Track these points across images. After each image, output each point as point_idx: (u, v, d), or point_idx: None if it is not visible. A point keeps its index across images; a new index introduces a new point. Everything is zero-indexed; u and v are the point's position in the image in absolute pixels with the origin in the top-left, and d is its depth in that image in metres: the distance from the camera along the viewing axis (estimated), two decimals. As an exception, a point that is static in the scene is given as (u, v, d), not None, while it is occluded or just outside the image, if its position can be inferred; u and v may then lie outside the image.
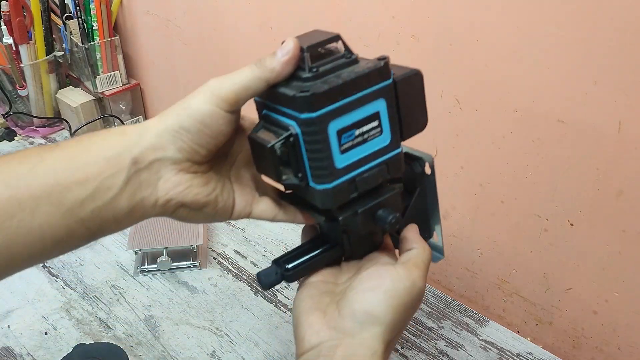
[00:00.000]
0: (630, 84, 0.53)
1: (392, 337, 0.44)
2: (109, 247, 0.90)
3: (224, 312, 0.78)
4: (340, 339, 0.42)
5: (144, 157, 0.41)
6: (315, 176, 0.44)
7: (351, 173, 0.45)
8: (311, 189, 0.44)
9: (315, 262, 0.49)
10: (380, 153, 0.46)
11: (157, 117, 0.43)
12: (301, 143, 0.43)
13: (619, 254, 0.61)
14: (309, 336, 0.44)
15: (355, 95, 0.43)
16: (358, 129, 0.44)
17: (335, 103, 0.42)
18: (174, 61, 1.08)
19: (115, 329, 0.76)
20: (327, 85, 0.42)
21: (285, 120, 0.43)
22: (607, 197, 0.59)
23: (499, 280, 0.74)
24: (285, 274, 0.48)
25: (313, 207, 0.47)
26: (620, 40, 0.52)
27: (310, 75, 0.43)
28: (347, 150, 0.44)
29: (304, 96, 0.41)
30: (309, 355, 0.43)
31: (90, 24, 1.11)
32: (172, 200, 0.43)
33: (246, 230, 0.94)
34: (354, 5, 0.72)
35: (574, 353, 0.70)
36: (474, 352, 0.72)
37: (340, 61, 0.44)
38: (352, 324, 0.43)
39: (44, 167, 0.39)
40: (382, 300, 0.43)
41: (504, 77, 0.61)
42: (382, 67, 0.44)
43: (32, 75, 1.17)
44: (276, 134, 0.43)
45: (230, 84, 0.43)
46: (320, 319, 0.44)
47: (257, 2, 0.86)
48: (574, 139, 0.59)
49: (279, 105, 0.44)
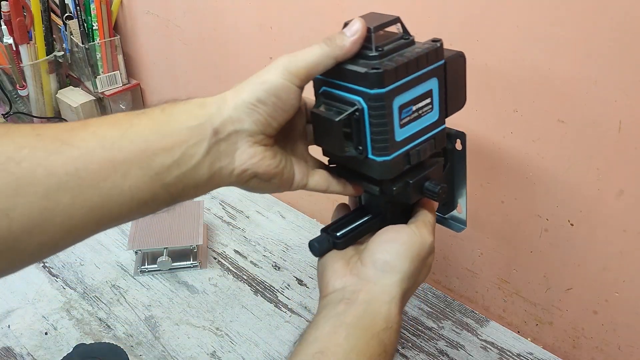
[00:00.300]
0: (630, 84, 0.53)
1: (409, 286, 0.49)
2: (109, 247, 0.90)
3: (224, 312, 0.78)
4: (362, 285, 0.47)
5: (223, 129, 0.44)
6: (376, 149, 0.47)
7: (407, 146, 0.49)
8: (369, 161, 0.48)
9: (361, 230, 0.53)
10: (430, 128, 0.50)
11: (233, 91, 0.46)
12: (365, 118, 0.46)
13: (619, 253, 0.61)
14: (334, 280, 0.49)
15: (416, 74, 0.47)
16: (415, 105, 0.48)
17: (400, 80, 0.46)
18: (174, 61, 1.08)
19: (115, 329, 0.76)
20: (395, 63, 0.45)
21: (350, 96, 0.47)
22: (608, 197, 0.59)
23: (499, 280, 0.74)
24: (336, 241, 0.52)
25: (365, 179, 0.51)
26: (620, 39, 0.52)
27: (377, 54, 0.46)
28: (405, 124, 0.48)
29: (376, 73, 0.44)
30: (333, 296, 0.47)
31: (91, 24, 1.11)
32: (248, 171, 0.45)
33: (246, 230, 0.94)
34: (354, 5, 0.72)
35: (574, 353, 0.70)
36: (474, 352, 0.72)
37: (400, 42, 0.48)
38: (374, 272, 0.47)
39: (134, 133, 0.41)
40: (400, 252, 0.48)
41: (504, 77, 0.61)
42: (438, 48, 0.49)
43: (32, 75, 1.17)
44: (340, 109, 0.47)
45: (302, 61, 0.45)
46: (344, 267, 0.49)
47: (257, 2, 0.86)
48: (574, 139, 0.59)
49: (344, 82, 0.47)
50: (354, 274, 0.48)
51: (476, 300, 0.78)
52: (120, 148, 0.40)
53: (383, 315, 0.46)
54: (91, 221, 0.40)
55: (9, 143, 0.38)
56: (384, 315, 0.46)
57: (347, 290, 0.47)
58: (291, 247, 0.90)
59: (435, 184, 0.51)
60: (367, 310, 0.46)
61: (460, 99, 0.55)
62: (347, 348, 0.43)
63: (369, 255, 0.49)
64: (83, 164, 0.39)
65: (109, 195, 0.40)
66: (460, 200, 0.60)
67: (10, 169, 0.37)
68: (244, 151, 0.45)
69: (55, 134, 0.39)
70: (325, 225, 0.54)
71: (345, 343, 0.44)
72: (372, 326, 0.45)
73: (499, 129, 0.65)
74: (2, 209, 0.37)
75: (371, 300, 0.46)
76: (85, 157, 0.39)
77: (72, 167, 0.38)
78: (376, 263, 0.48)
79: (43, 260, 0.87)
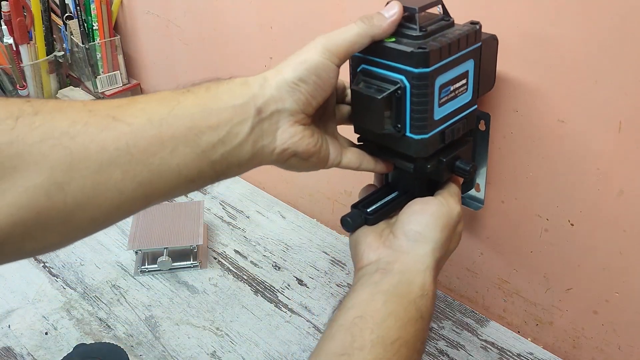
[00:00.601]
0: (631, 84, 0.53)
1: (441, 254, 0.50)
2: (109, 247, 0.90)
3: (224, 312, 0.78)
4: (396, 256, 0.49)
5: (266, 108, 0.45)
6: (415, 127, 0.49)
7: (443, 125, 0.50)
8: (407, 139, 0.50)
9: (392, 206, 0.55)
10: (463, 108, 0.52)
11: (274, 70, 0.46)
12: (407, 96, 0.47)
13: (619, 254, 0.61)
14: (367, 253, 0.51)
15: (456, 55, 0.49)
16: (453, 85, 0.50)
17: (443, 60, 0.47)
18: (174, 61, 1.08)
19: (115, 329, 0.76)
20: (439, 43, 0.47)
21: (393, 75, 0.48)
22: (608, 197, 0.59)
23: (500, 280, 0.74)
24: (368, 217, 0.53)
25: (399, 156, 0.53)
26: (621, 39, 0.52)
27: (421, 34, 0.47)
28: (443, 104, 0.50)
29: (422, 52, 0.46)
30: (368, 268, 0.49)
31: (91, 24, 1.11)
32: (288, 150, 0.46)
33: (246, 230, 0.94)
34: (355, 5, 0.72)
35: (575, 353, 0.70)
36: (474, 352, 0.72)
37: (442, 23, 0.50)
38: (406, 243, 0.49)
39: (181, 110, 0.42)
40: (431, 221, 0.50)
41: (504, 77, 0.61)
42: (477, 31, 0.51)
43: (32, 75, 1.17)
44: (380, 87, 0.48)
45: (340, 39, 0.46)
46: (377, 239, 0.51)
47: (258, 2, 0.86)
48: (574, 139, 0.59)
49: (386, 60, 0.48)
50: (387, 245, 0.50)
51: (476, 300, 0.78)
52: (168, 125, 0.41)
53: (418, 283, 0.47)
54: (140, 196, 0.41)
55: (62, 118, 0.39)
56: (420, 284, 0.47)
57: (382, 262, 0.49)
58: (291, 247, 0.90)
59: (467, 163, 0.53)
60: (402, 279, 0.47)
61: (491, 81, 0.57)
62: (385, 313, 0.45)
63: (400, 227, 0.50)
64: (133, 140, 0.40)
65: (157, 172, 0.41)
66: (479, 179, 0.61)
67: (64, 143, 0.38)
68: (285, 130, 0.46)
69: (106, 110, 0.40)
70: (354, 202, 0.55)
71: (384, 308, 0.45)
72: (408, 294, 0.47)
73: (499, 129, 0.65)
74: (58, 182, 0.37)
75: (406, 270, 0.48)
76: (135, 133, 0.40)
77: (123, 142, 0.39)
78: (408, 234, 0.50)
79: (43, 260, 0.87)
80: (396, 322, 0.45)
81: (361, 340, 0.44)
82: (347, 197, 0.88)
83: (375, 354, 0.43)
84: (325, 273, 0.84)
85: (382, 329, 0.44)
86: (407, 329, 0.45)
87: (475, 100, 0.53)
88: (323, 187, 0.92)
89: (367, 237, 0.52)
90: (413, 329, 0.46)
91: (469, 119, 0.53)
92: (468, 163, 0.53)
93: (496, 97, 0.63)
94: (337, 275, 0.84)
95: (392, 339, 0.44)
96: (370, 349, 0.43)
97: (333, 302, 0.79)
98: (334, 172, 0.88)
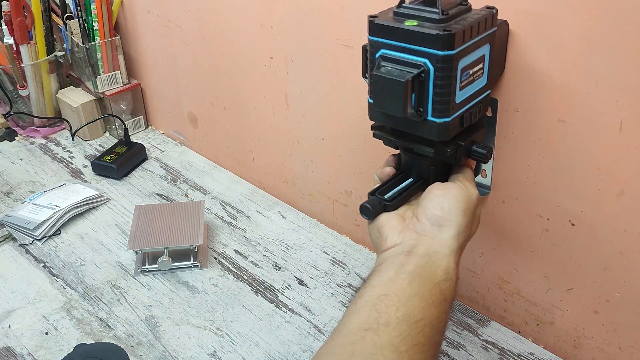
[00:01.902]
0: (631, 84, 0.53)
1: (465, 238, 0.52)
2: (109, 247, 0.90)
3: (224, 312, 0.78)
4: (420, 239, 0.50)
5: None
6: (437, 110, 0.49)
7: (463, 109, 0.51)
8: (429, 123, 0.50)
9: (409, 192, 0.55)
10: (479, 92, 0.53)
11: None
12: (430, 79, 0.48)
13: (620, 254, 0.61)
14: (392, 235, 0.52)
15: (476, 38, 0.49)
16: (472, 69, 0.50)
17: (466, 43, 0.48)
18: (174, 61, 1.08)
19: (115, 329, 0.76)
20: (461, 26, 0.47)
21: (415, 58, 0.48)
22: (609, 197, 0.59)
23: (500, 280, 0.74)
24: (387, 203, 0.54)
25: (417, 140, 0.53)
26: (622, 39, 0.52)
27: (443, 17, 0.48)
28: (463, 87, 0.50)
29: (447, 34, 0.46)
30: (393, 250, 0.51)
31: (91, 23, 1.11)
32: None
33: (247, 230, 0.94)
34: (355, 5, 0.72)
35: (575, 353, 0.70)
36: (474, 352, 0.72)
37: (460, 7, 0.50)
38: (430, 227, 0.50)
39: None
40: (453, 206, 0.51)
41: (504, 77, 0.61)
42: (494, 15, 0.51)
43: (32, 75, 1.17)
44: (403, 71, 0.48)
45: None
46: (401, 222, 0.53)
47: (258, 2, 0.86)
48: (575, 139, 0.59)
49: (409, 44, 0.48)
50: (411, 229, 0.51)
51: (477, 300, 0.78)
52: None
53: (443, 267, 0.49)
54: None
55: None
56: (444, 268, 0.49)
57: (406, 244, 0.50)
58: (292, 247, 0.90)
59: (484, 147, 0.54)
60: (427, 263, 0.49)
61: (501, 66, 0.57)
62: (410, 293, 0.46)
63: (423, 212, 0.52)
64: None
65: None
66: (486, 166, 0.61)
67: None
68: None
69: None
70: (371, 190, 0.56)
71: (409, 288, 0.47)
72: (432, 277, 0.48)
73: (500, 129, 0.65)
74: None
75: (431, 253, 0.49)
76: None
77: None
78: (431, 219, 0.51)
79: (43, 261, 0.87)
80: (421, 302, 0.46)
81: (387, 317, 0.45)
82: (348, 197, 0.88)
83: (401, 331, 0.44)
84: (325, 273, 0.84)
85: (407, 307, 0.45)
86: (431, 309, 0.46)
87: (489, 85, 0.54)
88: (323, 187, 0.92)
89: (391, 219, 0.53)
90: (437, 310, 0.47)
91: (484, 103, 0.54)
92: (485, 147, 0.54)
93: (497, 98, 0.63)
94: (338, 275, 0.84)
95: (416, 317, 0.45)
96: (396, 325, 0.44)
97: (333, 302, 0.79)
98: (334, 172, 0.89)
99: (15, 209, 0.95)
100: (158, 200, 1.01)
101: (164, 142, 1.19)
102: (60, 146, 1.18)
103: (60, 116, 1.23)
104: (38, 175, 1.08)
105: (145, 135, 1.22)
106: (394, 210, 0.54)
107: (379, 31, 0.50)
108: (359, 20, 0.73)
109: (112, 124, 1.20)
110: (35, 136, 1.21)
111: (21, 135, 1.22)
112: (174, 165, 1.11)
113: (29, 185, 1.06)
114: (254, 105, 0.96)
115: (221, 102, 1.03)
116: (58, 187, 1.01)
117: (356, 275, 0.84)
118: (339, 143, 0.85)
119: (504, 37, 0.56)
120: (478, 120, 0.55)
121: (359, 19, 0.73)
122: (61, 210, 0.94)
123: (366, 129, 0.59)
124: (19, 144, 1.19)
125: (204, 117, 1.09)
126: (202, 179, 1.07)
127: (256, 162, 1.03)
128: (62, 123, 1.23)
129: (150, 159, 1.13)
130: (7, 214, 0.94)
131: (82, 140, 1.20)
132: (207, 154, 1.14)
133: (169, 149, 1.17)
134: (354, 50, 0.75)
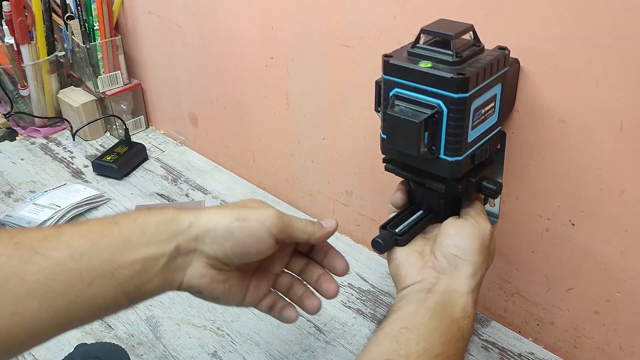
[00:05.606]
0: (632, 84, 0.53)
1: (481, 275, 0.53)
2: (110, 246, 0.90)
3: (225, 312, 0.78)
4: (439, 277, 0.51)
5: (186, 246, 0.46)
6: (449, 149, 0.50)
7: (474, 147, 0.52)
8: (441, 161, 0.51)
9: (419, 225, 0.56)
10: (490, 130, 0.54)
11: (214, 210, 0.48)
12: (444, 120, 0.48)
13: (620, 253, 0.61)
14: (411, 272, 0.53)
15: (489, 79, 0.50)
16: (484, 109, 0.51)
17: (479, 85, 0.49)
18: (175, 61, 1.09)
19: (116, 328, 0.76)
20: (475, 69, 0.48)
21: (429, 99, 0.49)
22: (609, 197, 0.59)
23: (500, 280, 0.74)
24: (398, 238, 0.55)
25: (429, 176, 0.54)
26: (622, 39, 0.52)
27: (458, 59, 0.48)
28: (475, 126, 0.51)
29: (462, 78, 0.47)
30: (413, 287, 0.52)
31: (92, 23, 1.11)
32: (193, 287, 0.48)
33: (247, 230, 0.93)
34: (356, 5, 0.72)
35: (575, 353, 0.70)
36: (475, 352, 0.72)
37: (473, 48, 0.51)
38: (447, 265, 0.52)
39: (103, 245, 0.43)
40: (467, 245, 0.52)
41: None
42: (506, 56, 0.52)
43: (33, 75, 1.17)
44: (417, 112, 0.49)
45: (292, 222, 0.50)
46: (420, 259, 0.54)
47: (259, 2, 0.86)
48: (575, 139, 0.59)
49: (423, 85, 0.49)
50: (430, 266, 0.52)
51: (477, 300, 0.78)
52: (89, 259, 0.42)
53: (461, 305, 0.50)
54: (55, 325, 0.42)
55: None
56: (462, 306, 0.50)
57: (426, 282, 0.51)
58: (292, 247, 0.90)
59: (493, 183, 0.54)
60: (446, 300, 0.50)
61: (512, 103, 0.59)
62: (430, 328, 0.47)
63: (439, 250, 0.53)
64: (52, 273, 0.41)
65: (74, 302, 0.42)
66: None
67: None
68: (196, 269, 0.47)
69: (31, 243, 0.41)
70: (382, 223, 0.57)
71: (429, 323, 0.47)
72: (451, 314, 0.49)
73: (500, 128, 0.65)
74: None
75: (450, 291, 0.50)
76: (55, 267, 0.41)
77: (42, 276, 0.40)
78: (447, 257, 0.52)
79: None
80: (440, 337, 0.47)
81: (406, 349, 0.45)
82: (348, 197, 0.88)
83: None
84: (326, 273, 0.84)
85: (427, 341, 0.46)
86: (449, 345, 0.47)
87: (500, 122, 0.55)
88: (324, 187, 0.92)
89: (410, 256, 0.54)
90: (455, 346, 0.47)
91: (494, 139, 0.55)
92: (495, 183, 0.54)
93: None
94: (338, 275, 0.84)
95: (435, 352, 0.46)
96: (416, 358, 0.45)
97: (334, 302, 0.79)
98: (334, 172, 0.89)
99: (16, 209, 0.95)
100: (159, 200, 1.01)
101: (165, 142, 1.20)
102: (61, 146, 1.18)
103: (60, 116, 1.23)
104: (39, 175, 1.08)
105: (146, 135, 1.22)
106: (408, 244, 0.55)
107: (394, 71, 0.51)
108: (360, 21, 0.73)
109: (113, 124, 1.20)
110: (36, 136, 1.21)
111: (22, 135, 1.22)
112: (174, 165, 1.12)
113: (30, 185, 1.06)
114: (255, 105, 0.96)
115: (222, 102, 1.03)
116: (59, 187, 1.01)
117: (356, 275, 0.84)
118: (340, 143, 0.85)
119: (515, 75, 0.57)
120: (490, 156, 0.56)
121: (359, 19, 0.73)
122: (62, 210, 0.94)
123: (366, 129, 0.59)
124: (20, 144, 1.19)
125: (204, 117, 1.09)
126: (202, 178, 1.07)
127: (256, 162, 1.03)
128: (63, 123, 1.23)
129: (151, 159, 1.13)
130: (7, 214, 0.94)
131: (82, 140, 1.20)
132: (208, 154, 1.14)
133: (170, 148, 1.17)
134: (355, 50, 0.75)
